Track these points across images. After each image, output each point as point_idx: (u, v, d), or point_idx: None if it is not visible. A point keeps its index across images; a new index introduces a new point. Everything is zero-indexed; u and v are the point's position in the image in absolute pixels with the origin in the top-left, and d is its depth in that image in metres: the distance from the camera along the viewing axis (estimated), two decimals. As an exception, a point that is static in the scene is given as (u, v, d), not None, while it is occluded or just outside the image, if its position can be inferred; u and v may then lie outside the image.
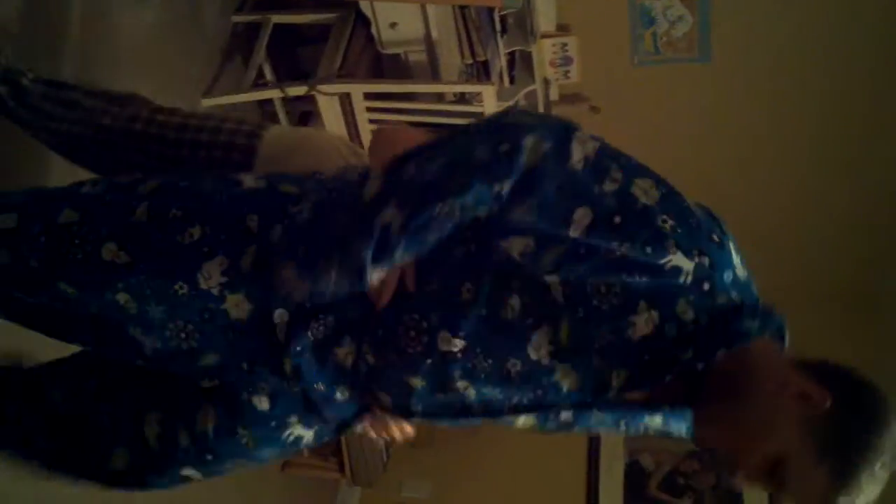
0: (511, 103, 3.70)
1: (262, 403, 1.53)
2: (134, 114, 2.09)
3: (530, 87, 3.99)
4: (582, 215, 1.31)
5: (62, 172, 2.31)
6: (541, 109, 3.98)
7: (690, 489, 4.54)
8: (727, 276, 1.35)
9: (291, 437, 1.57)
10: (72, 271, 1.51)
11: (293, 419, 1.54)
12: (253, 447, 1.57)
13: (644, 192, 1.33)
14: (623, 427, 1.46)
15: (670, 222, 1.31)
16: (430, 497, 4.41)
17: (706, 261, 1.31)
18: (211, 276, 1.47)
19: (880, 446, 1.25)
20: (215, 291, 1.47)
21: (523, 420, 1.44)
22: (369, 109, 3.49)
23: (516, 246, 1.35)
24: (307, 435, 1.58)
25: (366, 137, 3.44)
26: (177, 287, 1.48)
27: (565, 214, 1.32)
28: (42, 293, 1.56)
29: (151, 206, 1.51)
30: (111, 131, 2.06)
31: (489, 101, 3.48)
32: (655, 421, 1.46)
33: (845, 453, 1.25)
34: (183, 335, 1.50)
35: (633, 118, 4.32)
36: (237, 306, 1.48)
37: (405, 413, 1.47)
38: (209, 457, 1.59)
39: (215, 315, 1.48)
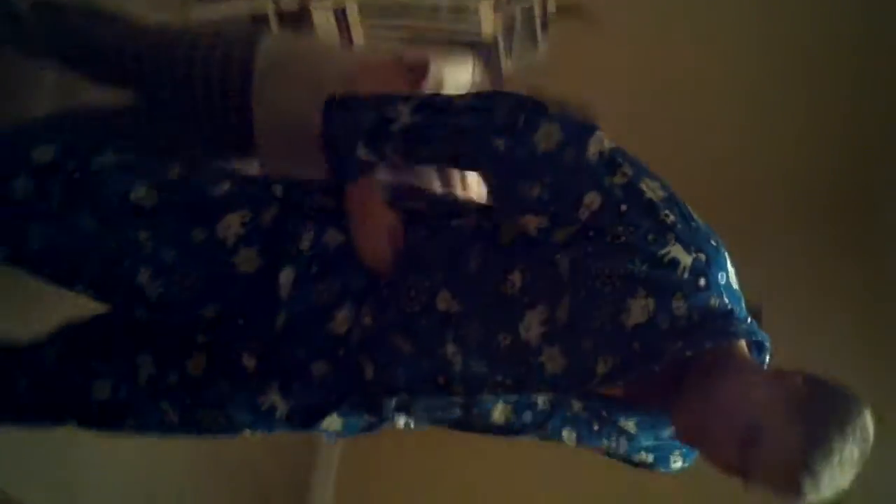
0: (508, 19, 3.64)
1: (249, 362, 1.58)
2: (123, 33, 2.07)
3: (527, 3, 3.91)
4: (591, 200, 1.42)
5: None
6: (538, 24, 3.90)
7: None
8: (722, 278, 1.40)
9: (266, 405, 1.61)
10: (98, 206, 1.58)
11: (274, 385, 1.59)
12: (230, 405, 1.63)
13: (651, 189, 1.42)
14: (595, 428, 1.55)
15: (672, 217, 1.39)
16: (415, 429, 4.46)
17: (703, 257, 1.38)
18: (230, 227, 1.56)
19: (852, 413, 1.30)
20: (230, 242, 1.56)
21: (500, 408, 1.55)
22: (365, 26, 3.43)
23: (532, 222, 1.47)
24: (282, 407, 1.61)
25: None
26: (195, 233, 1.56)
27: (576, 197, 1.43)
28: (60, 226, 1.59)
29: (184, 169, 1.65)
30: (106, 55, 2.06)
31: (486, 16, 3.43)
32: (629, 425, 1.54)
33: (819, 417, 1.29)
34: (188, 282, 1.56)
35: (634, 32, 4.26)
36: (248, 260, 1.56)
37: (387, 387, 1.52)
38: (188, 401, 1.64)
39: (224, 266, 1.56)
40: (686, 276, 1.36)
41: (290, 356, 1.56)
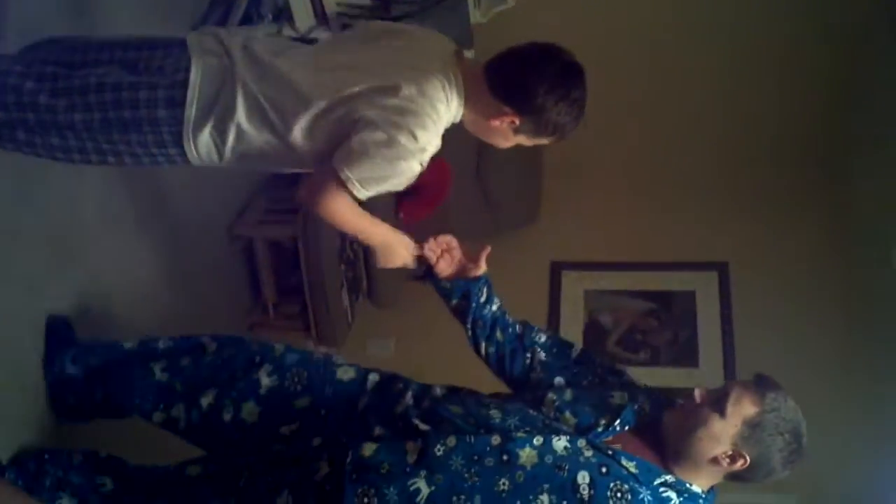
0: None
1: (316, 441, 2.18)
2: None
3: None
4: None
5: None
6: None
7: (647, 345, 4.68)
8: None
9: (315, 468, 2.06)
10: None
11: (325, 455, 2.08)
12: (283, 471, 2.12)
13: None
14: (604, 471, 1.93)
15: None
16: (393, 354, 4.55)
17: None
18: (347, 372, 2.37)
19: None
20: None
21: (528, 452, 1.94)
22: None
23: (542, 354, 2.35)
24: (324, 469, 2.06)
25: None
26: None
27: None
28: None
29: None
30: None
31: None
32: (630, 466, 1.95)
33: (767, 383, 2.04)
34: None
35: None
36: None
37: (438, 432, 2.03)
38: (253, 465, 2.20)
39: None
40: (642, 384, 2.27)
41: (361, 425, 2.12)
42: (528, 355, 2.32)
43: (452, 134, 2.13)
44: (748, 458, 1.97)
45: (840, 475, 3.89)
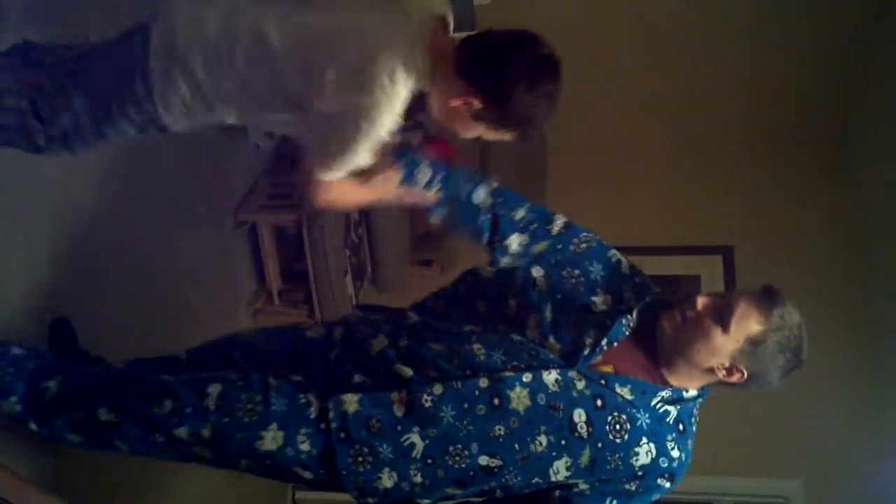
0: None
1: (294, 378, 2.04)
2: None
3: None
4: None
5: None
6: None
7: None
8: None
9: (303, 401, 1.98)
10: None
11: (313, 391, 2.00)
12: (273, 393, 1.98)
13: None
14: (599, 404, 1.88)
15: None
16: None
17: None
18: (311, 329, 2.32)
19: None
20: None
21: (518, 393, 1.87)
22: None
23: (516, 240, 2.22)
24: (315, 404, 1.96)
25: None
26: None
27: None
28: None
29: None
30: None
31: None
32: (625, 392, 1.90)
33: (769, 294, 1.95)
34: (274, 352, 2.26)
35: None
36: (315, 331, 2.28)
37: (424, 380, 1.93)
38: (240, 382, 2.03)
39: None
40: (628, 271, 2.13)
41: (338, 371, 2.02)
42: (496, 236, 2.24)
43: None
44: (746, 373, 1.92)
45: (844, 460, 3.89)
